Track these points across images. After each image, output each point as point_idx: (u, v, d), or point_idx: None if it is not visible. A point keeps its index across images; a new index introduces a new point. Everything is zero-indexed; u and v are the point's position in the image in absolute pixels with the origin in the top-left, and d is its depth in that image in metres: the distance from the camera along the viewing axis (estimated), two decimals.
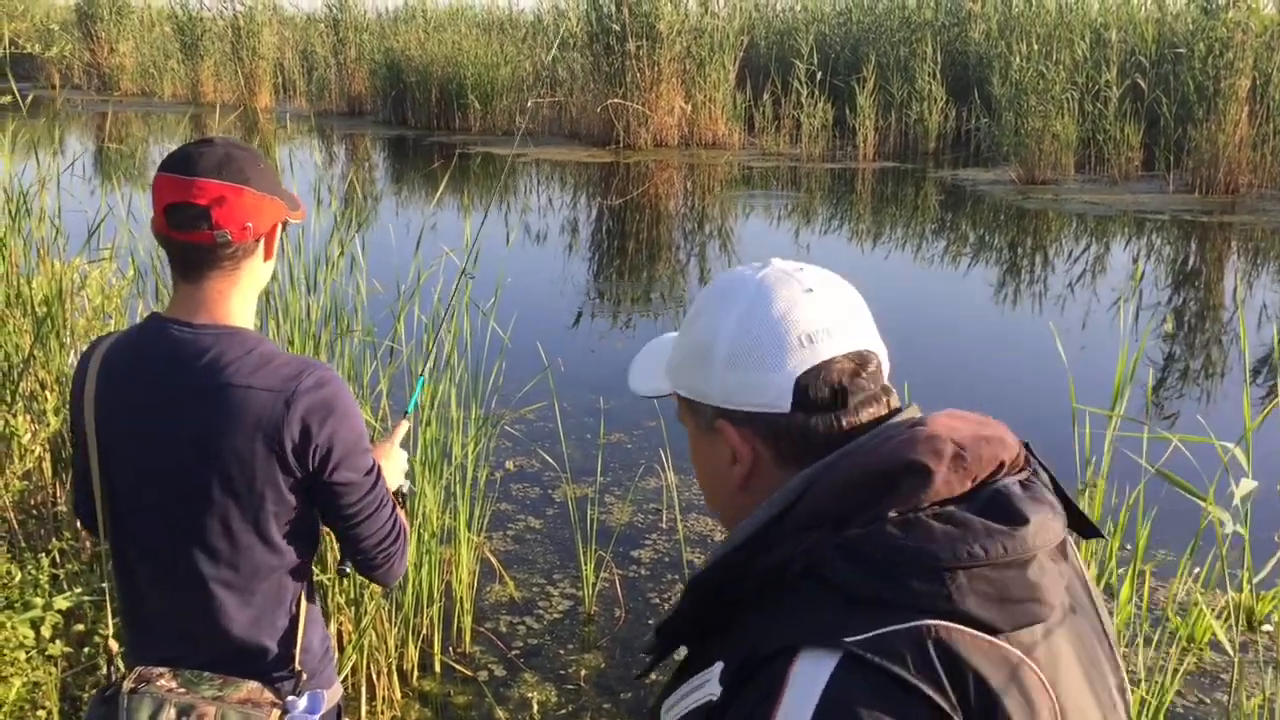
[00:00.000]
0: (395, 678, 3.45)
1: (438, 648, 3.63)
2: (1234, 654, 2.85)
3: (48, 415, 3.58)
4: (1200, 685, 3.58)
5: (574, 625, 3.91)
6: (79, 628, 3.00)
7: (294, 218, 1.74)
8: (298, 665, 1.72)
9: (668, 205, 13.19)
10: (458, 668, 3.62)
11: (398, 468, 1.97)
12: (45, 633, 2.79)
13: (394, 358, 3.76)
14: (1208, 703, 3.50)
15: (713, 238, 11.50)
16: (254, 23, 23.09)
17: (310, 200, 4.26)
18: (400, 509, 1.80)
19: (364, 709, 3.33)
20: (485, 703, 3.44)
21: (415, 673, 3.56)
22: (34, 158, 4.51)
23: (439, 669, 3.60)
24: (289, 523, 1.66)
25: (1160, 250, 10.81)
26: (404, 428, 2.11)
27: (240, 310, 1.68)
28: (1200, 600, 3.04)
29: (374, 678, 3.39)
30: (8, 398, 3.66)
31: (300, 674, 1.72)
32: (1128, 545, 3.63)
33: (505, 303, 3.95)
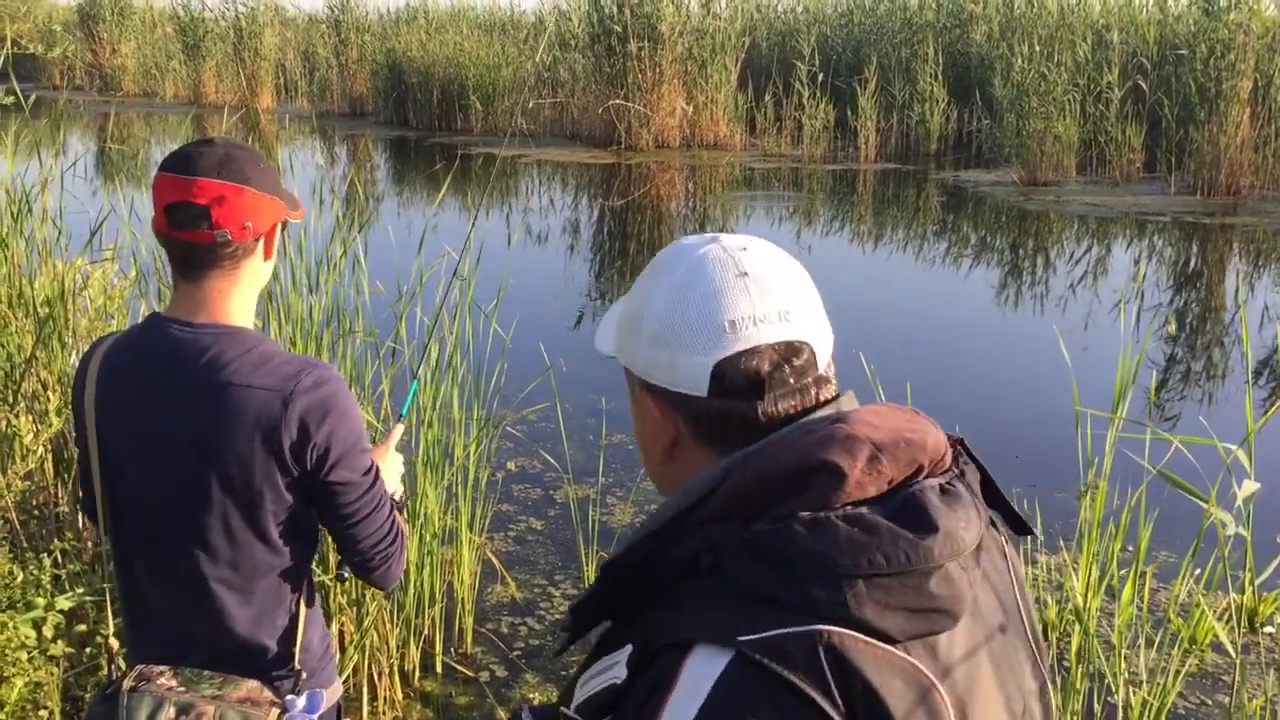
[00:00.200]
0: (397, 678, 3.45)
1: (439, 648, 3.63)
2: (1236, 656, 2.85)
3: (50, 416, 3.58)
4: (1202, 687, 3.58)
5: None
6: (81, 628, 3.00)
7: (294, 217, 1.74)
8: (297, 664, 1.72)
9: (669, 206, 13.19)
10: (459, 668, 3.62)
11: (395, 471, 1.98)
12: (47, 633, 2.79)
13: (396, 359, 3.77)
14: (1209, 704, 3.49)
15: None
16: (256, 23, 23.12)
17: (312, 201, 4.26)
18: (398, 512, 1.80)
19: (365, 709, 3.33)
20: (486, 703, 3.44)
21: (417, 673, 3.56)
22: (36, 158, 4.52)
23: (440, 669, 3.60)
24: (288, 522, 1.66)
25: (1162, 252, 10.80)
26: (399, 431, 2.12)
27: (240, 309, 1.68)
28: (1202, 602, 3.03)
29: (375, 678, 3.40)
30: (10, 398, 3.66)
31: (299, 673, 1.72)
32: (1129, 547, 3.63)
33: (507, 304, 3.95)
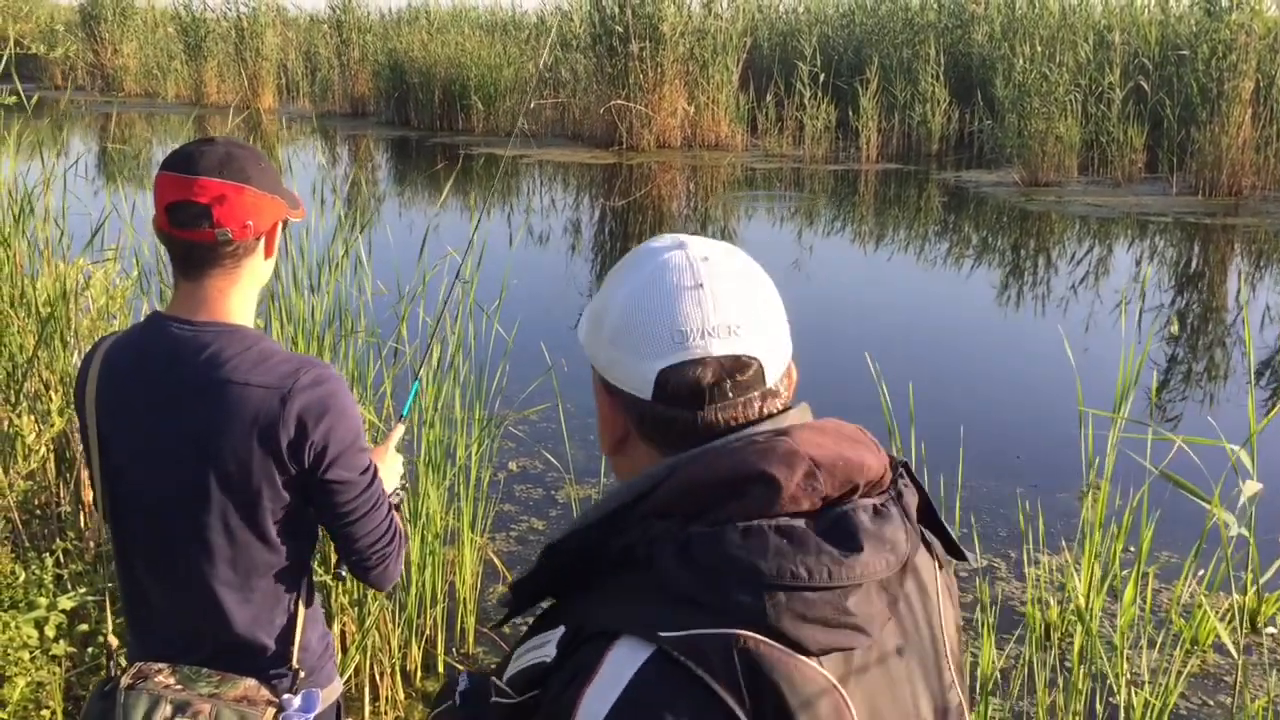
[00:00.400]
0: (398, 678, 3.45)
1: (441, 648, 3.63)
2: (1238, 656, 2.84)
3: (52, 415, 3.58)
4: (1204, 687, 3.58)
5: None
6: (83, 627, 3.00)
7: (294, 216, 1.75)
8: (295, 663, 1.72)
9: (670, 206, 13.19)
10: (461, 668, 3.62)
11: (394, 471, 1.98)
12: (49, 632, 2.79)
13: (398, 359, 3.76)
14: (1211, 705, 3.49)
15: (715, 239, 11.49)
16: (257, 24, 23.13)
17: (313, 201, 4.26)
18: (397, 512, 1.80)
19: (367, 709, 3.33)
20: None
21: (418, 673, 3.56)
22: (38, 158, 4.52)
23: (442, 669, 3.60)
24: (286, 521, 1.66)
25: (1163, 252, 10.79)
26: (399, 432, 2.12)
27: (241, 308, 1.69)
28: (1204, 602, 3.03)
29: (377, 678, 3.40)
30: (12, 398, 3.66)
31: (297, 672, 1.72)
32: (1131, 547, 3.63)
33: (509, 304, 3.94)
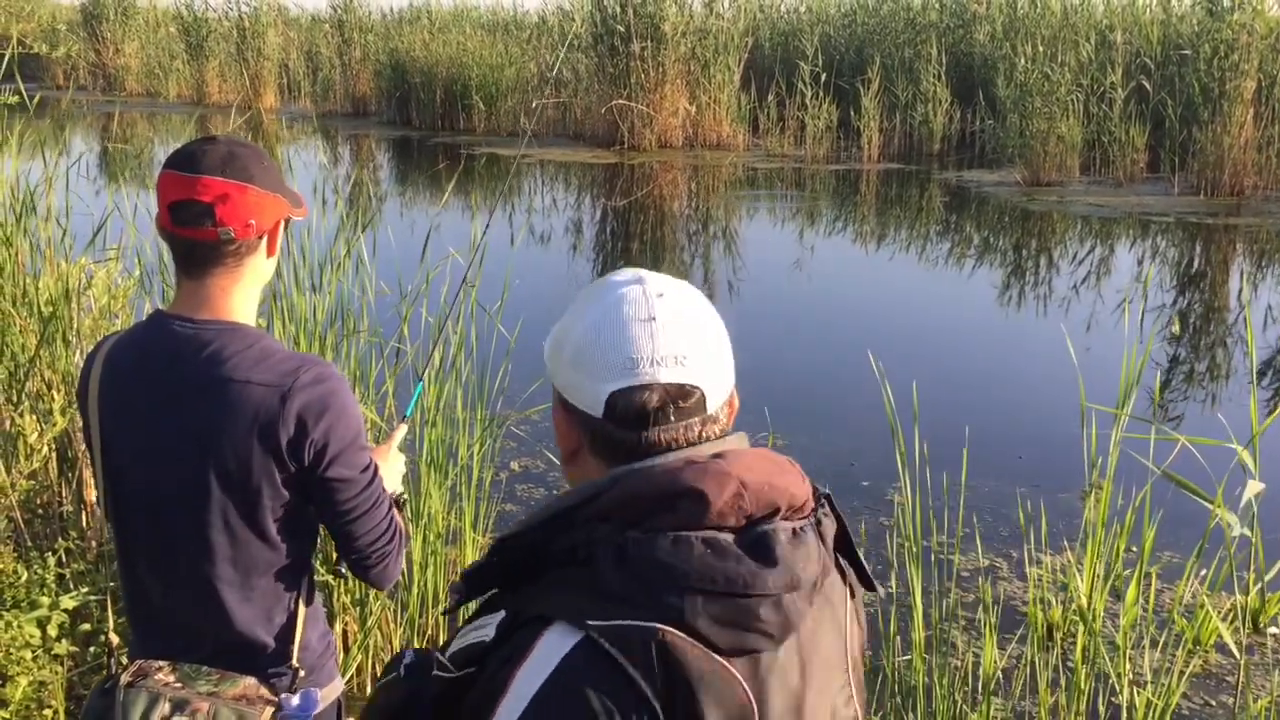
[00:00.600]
0: None
1: None
2: (1240, 656, 2.84)
3: (54, 415, 3.58)
4: (1206, 687, 3.57)
5: None
6: (85, 627, 3.00)
7: (297, 215, 1.75)
8: (295, 662, 1.72)
9: (672, 206, 13.20)
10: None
11: (396, 471, 1.97)
12: (51, 632, 2.79)
13: (400, 359, 3.76)
14: (1213, 705, 3.49)
15: (717, 239, 11.50)
16: (259, 23, 23.14)
17: (315, 201, 4.26)
18: (398, 512, 1.80)
19: None
20: None
21: None
22: (40, 158, 4.52)
23: None
24: (286, 519, 1.66)
25: (1165, 252, 10.79)
26: (402, 431, 2.12)
27: (242, 306, 1.69)
28: (1206, 602, 3.02)
29: (379, 678, 3.39)
30: (14, 397, 3.67)
31: (297, 671, 1.72)
32: (1133, 547, 3.62)
33: (511, 304, 3.94)
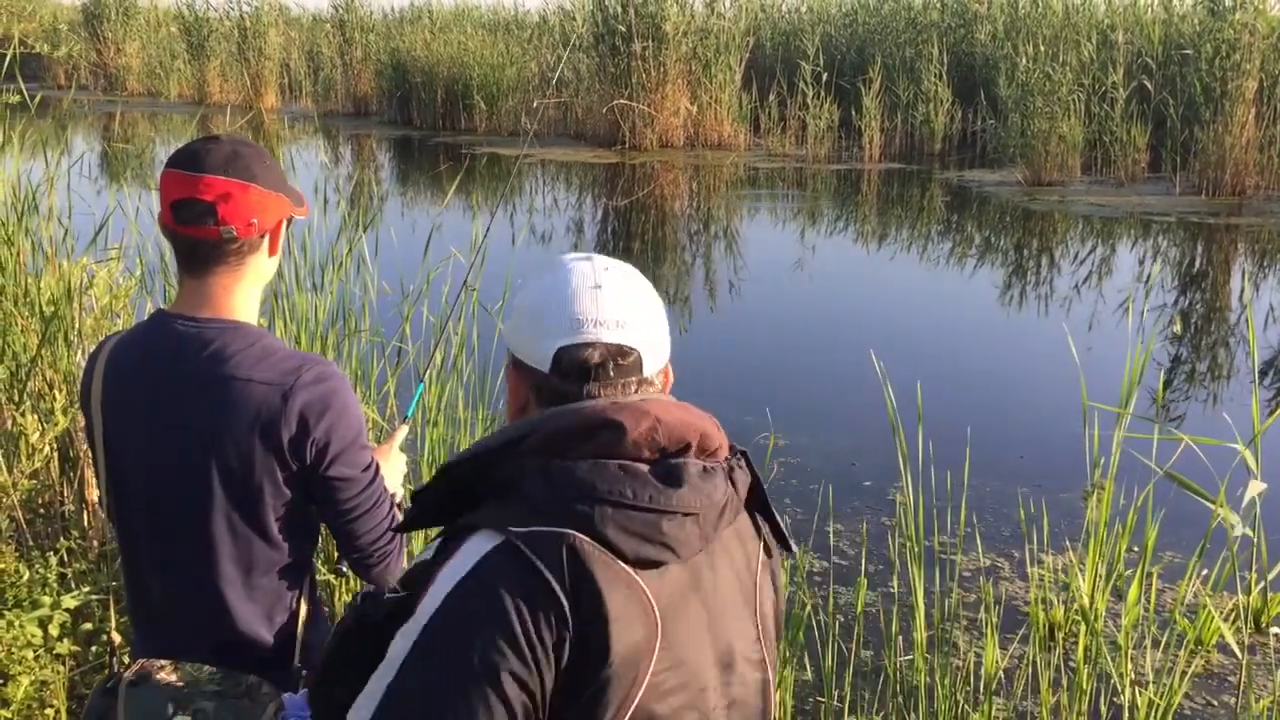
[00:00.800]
0: None
1: None
2: (1242, 656, 2.83)
3: (55, 414, 3.58)
4: (1208, 687, 3.57)
5: None
6: (87, 626, 3.00)
7: (299, 214, 1.75)
8: (297, 661, 1.72)
9: (673, 206, 13.19)
10: None
11: (397, 471, 1.97)
12: (53, 631, 2.78)
13: (401, 359, 3.76)
14: (1215, 705, 3.49)
15: (718, 238, 11.50)
16: (260, 23, 23.14)
17: (317, 201, 4.26)
18: (399, 511, 1.80)
19: None
20: None
21: None
22: (42, 157, 4.52)
23: None
24: (288, 517, 1.66)
25: (1167, 252, 10.78)
26: (404, 432, 2.12)
27: (244, 305, 1.69)
28: (1208, 602, 3.02)
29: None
30: (16, 397, 3.67)
31: (299, 670, 1.72)
32: (1135, 547, 3.62)
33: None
